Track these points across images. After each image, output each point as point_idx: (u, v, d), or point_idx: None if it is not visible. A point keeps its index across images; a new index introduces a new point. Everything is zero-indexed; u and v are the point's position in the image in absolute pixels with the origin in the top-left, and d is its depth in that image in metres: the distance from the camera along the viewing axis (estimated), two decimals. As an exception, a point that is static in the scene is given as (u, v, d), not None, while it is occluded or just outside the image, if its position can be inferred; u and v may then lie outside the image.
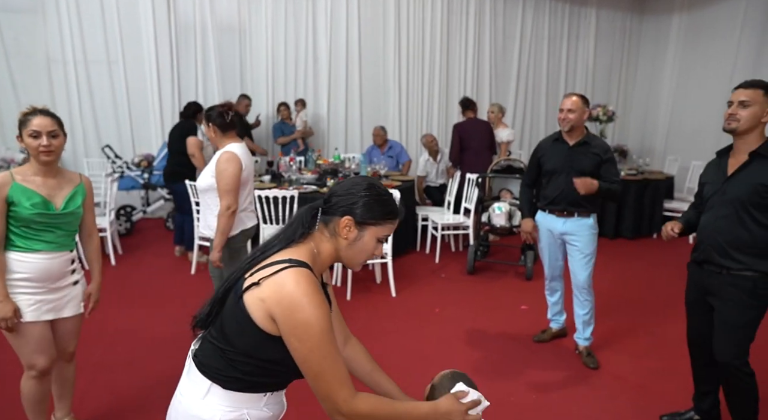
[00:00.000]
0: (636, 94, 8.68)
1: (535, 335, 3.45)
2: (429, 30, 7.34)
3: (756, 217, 2.04)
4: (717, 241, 2.14)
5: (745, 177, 2.07)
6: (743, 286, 2.08)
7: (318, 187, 4.86)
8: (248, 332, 1.18)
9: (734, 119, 2.07)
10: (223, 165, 2.74)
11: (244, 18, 6.72)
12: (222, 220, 2.76)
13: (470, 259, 4.69)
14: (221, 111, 2.86)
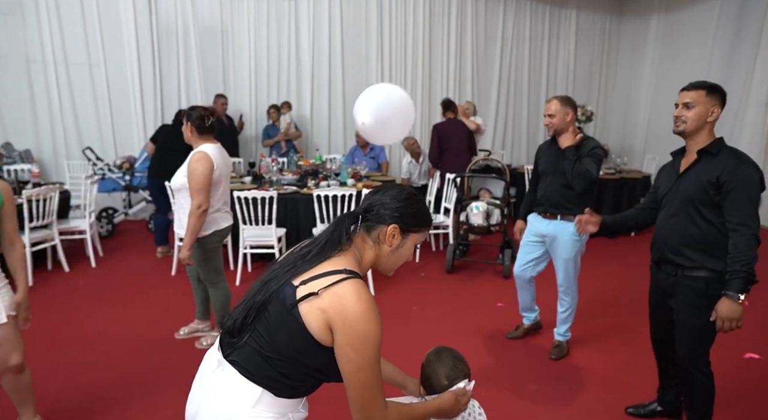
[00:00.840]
0: (616, 94, 8.83)
1: (509, 332, 3.51)
2: (411, 31, 7.41)
3: (704, 213, 2.07)
4: (669, 239, 2.18)
5: (694, 174, 2.10)
6: (696, 287, 2.10)
7: (298, 187, 4.90)
8: (299, 341, 1.20)
9: (681, 121, 2.12)
10: (195, 164, 2.81)
11: (227, 20, 6.74)
12: (192, 219, 2.81)
13: (449, 258, 4.75)
14: (203, 114, 2.94)
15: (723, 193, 2.01)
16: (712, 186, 2.03)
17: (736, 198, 1.98)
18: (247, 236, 4.37)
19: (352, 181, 5.04)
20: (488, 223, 4.60)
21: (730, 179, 1.98)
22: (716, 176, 2.01)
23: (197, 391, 1.38)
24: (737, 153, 2.08)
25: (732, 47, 6.87)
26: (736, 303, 1.95)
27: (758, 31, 6.50)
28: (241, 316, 1.25)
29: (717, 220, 2.06)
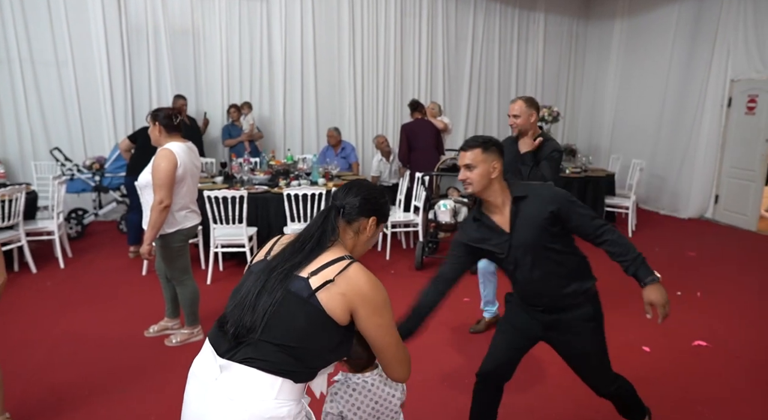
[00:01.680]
0: (583, 95, 9.07)
1: (471, 326, 3.63)
2: (383, 32, 7.51)
3: (557, 249, 1.99)
4: (546, 294, 2.04)
5: (524, 223, 1.97)
6: (585, 314, 2.05)
7: (270, 187, 4.95)
8: (319, 325, 1.32)
9: (468, 183, 1.97)
10: (158, 160, 2.87)
11: (198, 20, 6.73)
12: (153, 214, 2.86)
13: (418, 255, 4.87)
14: (170, 114, 3.01)
15: (564, 221, 1.96)
16: (548, 222, 1.95)
17: (575, 216, 1.95)
18: (217, 235, 4.41)
19: (323, 181, 5.11)
20: (456, 220, 4.73)
21: (558, 207, 1.94)
22: (549, 211, 1.94)
23: (199, 405, 1.35)
24: (537, 187, 2.05)
25: (690, 50, 7.15)
26: (659, 284, 1.93)
27: (713, 35, 6.78)
28: (250, 316, 1.31)
29: (569, 248, 2.03)
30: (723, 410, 2.68)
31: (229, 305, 1.40)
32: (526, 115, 3.04)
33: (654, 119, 7.55)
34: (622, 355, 3.01)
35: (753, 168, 6.47)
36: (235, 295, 1.41)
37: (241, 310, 1.33)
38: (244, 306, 1.33)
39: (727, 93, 6.72)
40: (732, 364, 3.19)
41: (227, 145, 6.60)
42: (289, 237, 1.50)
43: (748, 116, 6.53)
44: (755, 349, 3.39)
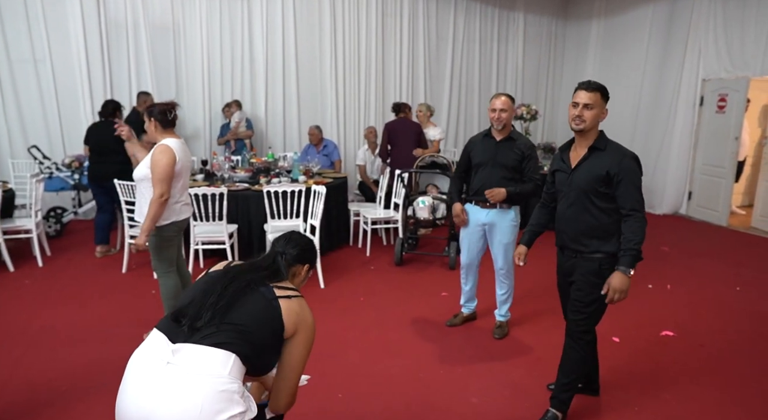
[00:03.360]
0: (562, 93, 9.21)
1: (448, 320, 3.71)
2: (364, 31, 7.55)
3: (597, 204, 2.29)
4: (568, 229, 2.38)
5: (585, 169, 2.31)
6: (591, 267, 2.33)
7: (250, 184, 4.97)
8: (273, 326, 1.52)
9: (581, 120, 2.27)
10: (158, 156, 2.96)
11: (178, 17, 6.71)
12: (153, 207, 2.96)
13: (397, 252, 4.94)
14: (164, 109, 3.09)
15: (613, 185, 2.25)
16: (602, 179, 2.26)
17: (625, 188, 2.23)
18: (198, 232, 4.43)
19: (303, 178, 5.15)
20: (434, 216, 4.80)
21: (618, 172, 2.23)
22: (606, 171, 2.24)
23: (145, 393, 1.40)
24: (620, 148, 2.32)
25: (663, 50, 7.32)
26: (626, 276, 2.22)
27: (685, 36, 6.96)
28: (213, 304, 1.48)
29: (608, 208, 2.29)
30: (686, 396, 2.80)
31: (185, 299, 1.53)
32: (511, 111, 3.25)
33: (630, 117, 7.72)
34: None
35: (723, 165, 6.66)
36: (189, 292, 1.55)
37: (193, 304, 1.49)
38: (199, 300, 1.49)
39: (699, 92, 6.90)
40: (697, 352, 3.32)
41: (219, 143, 6.68)
42: (237, 263, 1.71)
43: (719, 115, 6.72)
44: (719, 337, 3.53)
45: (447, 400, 2.74)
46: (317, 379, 2.91)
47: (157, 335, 1.49)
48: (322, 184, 4.78)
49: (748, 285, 4.57)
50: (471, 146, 3.42)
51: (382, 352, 3.26)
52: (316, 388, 2.82)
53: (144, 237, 3.01)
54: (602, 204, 2.29)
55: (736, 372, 3.08)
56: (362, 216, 5.45)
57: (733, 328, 3.69)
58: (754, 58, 6.23)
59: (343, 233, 5.61)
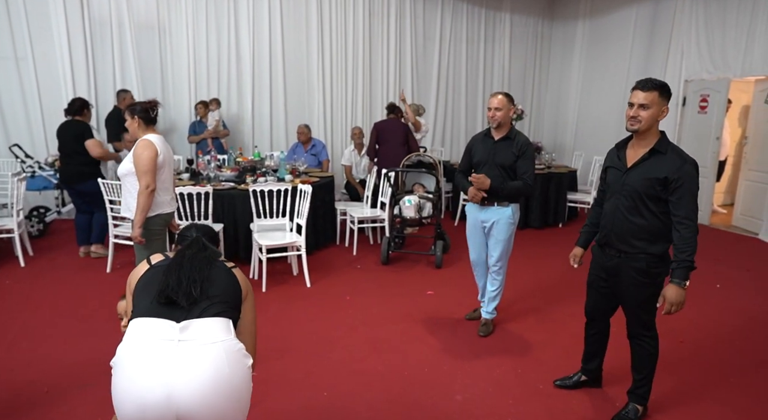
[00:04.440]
0: (548, 94, 9.29)
1: (467, 314, 3.77)
2: (351, 31, 7.56)
3: (650, 207, 2.26)
4: (616, 228, 2.37)
5: (642, 170, 2.26)
6: (638, 267, 2.33)
7: (236, 184, 4.96)
8: (236, 292, 1.71)
9: (637, 121, 2.24)
10: (140, 150, 3.06)
11: (163, 16, 6.66)
12: (141, 198, 3.05)
13: (384, 250, 4.95)
14: (146, 107, 3.19)
15: (670, 190, 2.21)
16: (659, 183, 2.22)
17: (682, 195, 2.19)
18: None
19: (290, 177, 5.15)
20: (420, 215, 4.82)
21: (677, 178, 2.18)
22: (665, 175, 2.20)
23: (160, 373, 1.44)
24: (681, 152, 2.26)
25: (647, 51, 7.42)
26: (682, 289, 2.21)
27: (668, 37, 7.06)
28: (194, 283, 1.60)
29: (660, 212, 2.27)
30: (666, 390, 2.85)
31: (163, 285, 1.59)
32: (506, 109, 3.24)
33: (615, 117, 7.80)
34: (575, 343, 3.15)
35: (705, 164, 6.76)
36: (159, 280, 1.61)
37: (178, 284, 1.57)
38: (181, 280, 1.58)
39: (681, 93, 7.00)
40: (677, 347, 3.37)
41: (191, 141, 6.60)
42: (179, 249, 1.81)
43: (701, 115, 6.82)
44: (698, 333, 3.59)
45: (432, 398, 2.76)
46: (302, 377, 2.93)
47: (153, 322, 1.53)
48: (309, 183, 4.78)
49: (728, 282, 4.65)
50: (472, 144, 3.46)
51: (368, 351, 3.28)
52: (301, 387, 2.83)
53: (138, 229, 3.08)
54: (655, 207, 2.27)
55: (715, 368, 3.14)
56: (349, 215, 5.45)
57: (713, 324, 3.76)
58: (734, 60, 6.34)
59: (330, 232, 5.61)
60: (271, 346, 3.26)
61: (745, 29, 6.18)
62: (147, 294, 1.61)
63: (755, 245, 5.96)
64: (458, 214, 6.64)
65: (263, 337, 3.36)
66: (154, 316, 1.54)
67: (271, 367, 3.02)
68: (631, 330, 2.51)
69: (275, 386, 2.83)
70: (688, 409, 2.69)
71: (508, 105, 3.23)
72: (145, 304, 1.59)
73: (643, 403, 2.58)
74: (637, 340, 2.51)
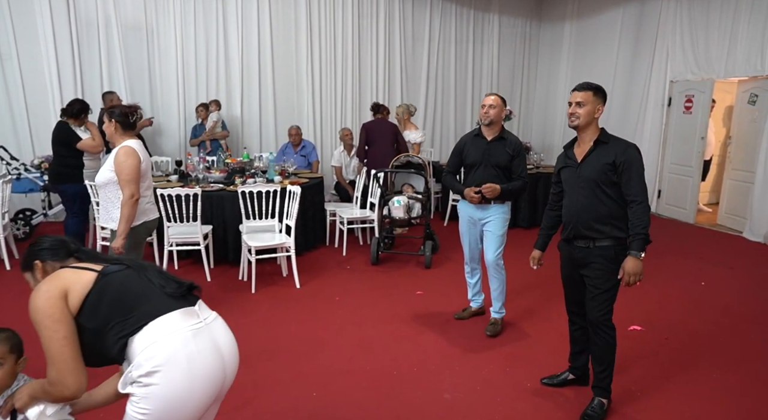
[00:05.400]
0: (536, 94, 9.36)
1: (456, 313, 3.80)
2: (340, 32, 7.57)
3: (607, 192, 2.45)
4: (582, 217, 2.50)
5: (593, 160, 2.47)
6: (607, 255, 2.47)
7: (225, 185, 4.95)
8: None
9: (576, 117, 2.49)
10: (123, 157, 2.97)
11: (151, 17, 6.63)
12: (125, 209, 2.96)
13: (373, 251, 4.97)
14: (126, 111, 3.09)
15: (619, 172, 2.41)
16: (609, 167, 2.42)
17: (630, 176, 2.40)
18: (172, 234, 4.39)
19: (279, 178, 5.15)
20: (409, 216, 4.85)
21: (624, 161, 2.40)
22: (612, 159, 2.42)
23: (219, 349, 1.59)
24: (622, 140, 2.51)
25: (633, 52, 7.51)
26: (638, 260, 2.39)
27: (653, 39, 7.15)
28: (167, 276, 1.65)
29: (616, 196, 2.45)
30: (650, 388, 2.89)
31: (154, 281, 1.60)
32: (499, 108, 3.31)
33: (602, 117, 7.86)
34: (564, 341, 3.18)
35: (691, 164, 6.86)
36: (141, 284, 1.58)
37: (166, 279, 1.63)
38: (161, 276, 1.64)
39: (667, 93, 7.09)
40: (661, 345, 3.42)
41: (193, 144, 6.61)
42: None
43: (686, 115, 6.92)
44: (683, 331, 3.64)
45: (420, 397, 2.78)
46: (292, 378, 2.93)
47: (179, 314, 1.53)
48: (298, 184, 4.79)
49: (713, 279, 4.72)
50: (462, 146, 3.47)
51: (357, 351, 3.29)
52: (290, 387, 2.83)
53: (121, 240, 2.98)
54: (611, 192, 2.45)
55: (700, 364, 3.18)
56: (338, 216, 5.46)
57: (698, 321, 3.81)
58: (718, 61, 6.44)
59: (320, 233, 5.62)
60: (260, 347, 3.27)
61: (727, 31, 6.28)
62: (140, 297, 1.52)
63: (740, 243, 6.05)
64: (447, 214, 6.67)
65: (253, 338, 3.38)
66: (174, 310, 1.53)
67: (261, 368, 3.03)
68: (591, 321, 2.57)
69: (265, 387, 2.83)
70: (671, 403, 2.73)
71: (502, 105, 3.30)
72: (153, 304, 1.52)
73: (607, 396, 2.62)
74: (597, 330, 2.56)
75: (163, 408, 1.43)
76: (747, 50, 6.11)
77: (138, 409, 1.43)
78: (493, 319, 3.58)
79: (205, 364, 1.51)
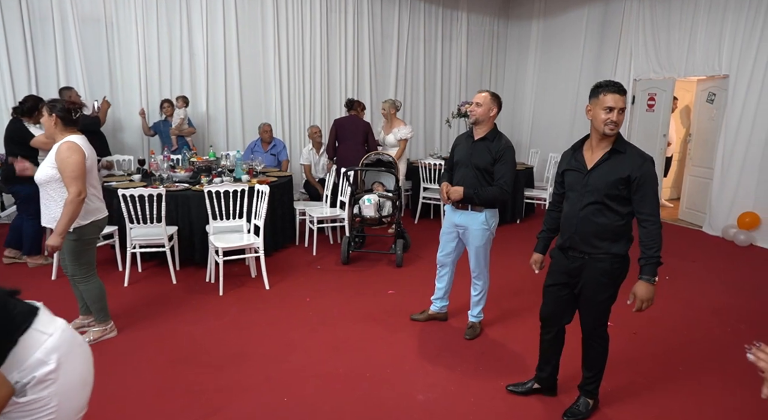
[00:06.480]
0: (505, 92, 9.43)
1: (413, 314, 3.74)
2: (308, 28, 7.46)
3: (612, 207, 2.26)
4: (580, 230, 2.34)
5: (604, 171, 2.25)
6: (602, 267, 2.32)
7: (190, 184, 4.81)
8: None
9: (616, 125, 2.20)
10: (65, 153, 2.83)
11: (110, 9, 6.38)
12: (70, 207, 2.83)
13: (344, 250, 4.91)
14: (69, 107, 2.95)
15: (633, 189, 2.21)
16: (622, 182, 2.22)
17: (645, 193, 2.20)
18: (135, 236, 4.23)
19: (246, 177, 5.03)
20: (380, 214, 4.81)
21: (640, 176, 2.18)
22: (627, 174, 2.20)
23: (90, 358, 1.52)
24: (639, 151, 2.27)
25: (598, 51, 7.66)
26: (651, 285, 2.23)
27: (617, 38, 7.30)
28: None
29: (623, 211, 2.27)
30: (618, 382, 2.93)
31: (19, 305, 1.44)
32: (487, 107, 3.11)
33: (568, 115, 8.02)
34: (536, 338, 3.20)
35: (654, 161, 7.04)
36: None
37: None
38: None
39: (631, 91, 7.25)
40: (631, 340, 3.49)
41: (148, 134, 6.42)
42: None
43: (649, 113, 7.10)
44: (650, 324, 3.72)
45: (393, 398, 2.75)
46: (262, 382, 2.86)
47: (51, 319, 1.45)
48: (266, 183, 4.69)
49: (677, 273, 4.85)
50: (456, 143, 3.37)
51: (329, 353, 3.24)
52: (260, 393, 2.76)
53: (59, 238, 2.86)
54: (618, 207, 2.27)
55: (667, 357, 3.26)
56: (308, 215, 5.38)
57: (664, 315, 3.90)
58: (678, 61, 6.62)
59: (289, 232, 5.52)
60: (228, 351, 3.18)
61: (687, 31, 6.46)
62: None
63: (700, 237, 6.25)
64: (418, 212, 6.66)
65: (221, 342, 3.29)
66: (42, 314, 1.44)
67: (230, 373, 2.94)
68: (586, 332, 2.53)
69: (234, 393, 2.75)
70: (641, 399, 2.79)
71: (491, 103, 3.12)
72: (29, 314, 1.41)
73: (593, 397, 2.64)
74: (590, 341, 2.54)
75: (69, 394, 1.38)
76: (705, 50, 6.30)
77: None
78: (471, 323, 3.54)
79: (88, 367, 1.51)
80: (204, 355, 3.14)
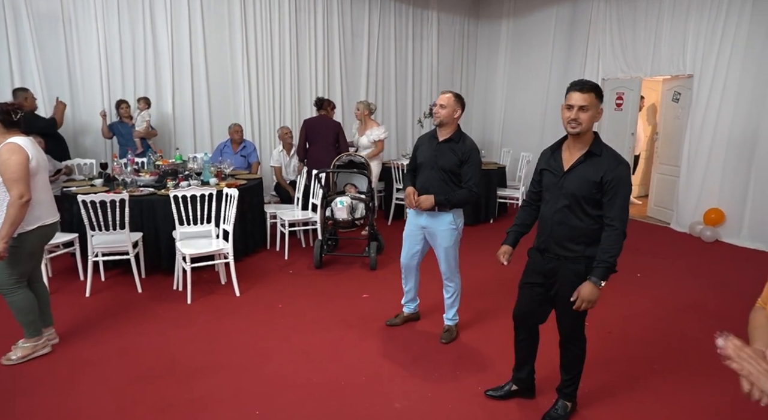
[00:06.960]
0: (476, 91, 9.49)
1: (388, 320, 3.66)
2: (277, 26, 7.31)
3: (587, 210, 2.24)
4: (555, 233, 2.32)
5: (579, 174, 2.23)
6: (577, 270, 2.29)
7: (156, 189, 4.63)
8: None
9: (578, 124, 2.17)
10: (5, 155, 2.72)
11: (68, 5, 6.09)
12: (12, 210, 2.70)
13: (316, 254, 4.81)
14: (8, 109, 2.83)
15: (604, 191, 2.19)
16: (596, 185, 2.20)
17: (614, 196, 2.17)
18: (96, 243, 4.04)
19: (215, 181, 4.88)
20: (353, 216, 4.73)
21: (612, 179, 2.16)
22: (600, 177, 2.17)
23: None
24: (616, 154, 2.23)
25: (567, 51, 7.74)
26: (596, 288, 2.20)
27: (585, 38, 7.40)
28: None
29: (596, 214, 2.25)
30: (594, 382, 2.93)
31: None
32: (451, 108, 3.07)
33: (539, 114, 8.09)
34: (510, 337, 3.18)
35: (622, 159, 7.15)
36: None
37: None
38: None
39: (599, 91, 7.35)
40: (605, 339, 3.50)
41: (106, 136, 6.12)
42: None
43: (617, 112, 7.21)
44: (624, 322, 3.76)
45: (369, 407, 2.67)
46: (233, 395, 2.75)
47: None
48: (235, 186, 4.55)
49: (647, 270, 4.92)
50: (419, 144, 3.29)
51: (302, 361, 3.14)
52: (231, 405, 2.65)
53: (2, 244, 2.71)
54: (592, 211, 2.25)
55: (640, 355, 3.28)
56: (279, 218, 5.26)
57: (638, 313, 3.95)
58: (644, 60, 6.74)
59: (259, 237, 5.39)
60: (198, 363, 3.05)
61: (652, 31, 6.58)
62: None
63: (668, 234, 6.38)
64: (391, 213, 6.61)
65: (190, 353, 3.15)
66: None
67: (199, 385, 2.82)
68: (563, 335, 2.50)
69: (205, 408, 2.64)
70: (616, 399, 2.79)
71: (455, 105, 3.07)
72: None
73: (571, 399, 2.62)
74: (567, 343, 2.51)
75: None
76: (670, 50, 6.43)
77: None
78: (447, 326, 3.49)
79: None
80: (172, 367, 3.00)
